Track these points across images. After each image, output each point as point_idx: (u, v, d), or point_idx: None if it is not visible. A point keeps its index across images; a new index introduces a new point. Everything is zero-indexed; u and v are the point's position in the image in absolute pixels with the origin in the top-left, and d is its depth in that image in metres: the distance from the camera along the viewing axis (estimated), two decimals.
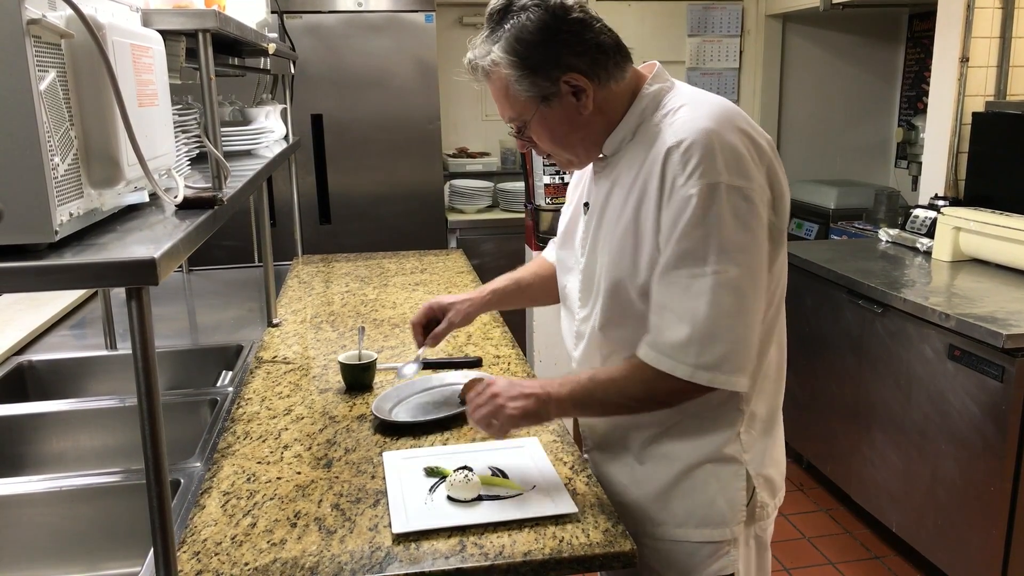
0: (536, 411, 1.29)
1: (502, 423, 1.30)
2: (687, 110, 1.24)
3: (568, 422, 1.63)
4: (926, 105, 4.11)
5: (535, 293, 1.71)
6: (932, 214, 3.21)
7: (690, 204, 1.16)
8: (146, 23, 1.22)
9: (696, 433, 1.33)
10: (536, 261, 1.75)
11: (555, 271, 1.57)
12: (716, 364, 1.18)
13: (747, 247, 1.18)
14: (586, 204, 1.40)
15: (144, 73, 1.12)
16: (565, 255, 1.49)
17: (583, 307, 1.41)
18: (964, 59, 3.25)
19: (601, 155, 1.35)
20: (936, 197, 3.34)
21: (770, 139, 1.26)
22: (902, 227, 3.40)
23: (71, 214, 0.93)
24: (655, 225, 1.22)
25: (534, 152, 1.65)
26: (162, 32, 1.24)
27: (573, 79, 1.23)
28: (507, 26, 1.23)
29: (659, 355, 1.20)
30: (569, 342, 1.49)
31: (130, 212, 1.16)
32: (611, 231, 1.30)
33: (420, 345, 1.65)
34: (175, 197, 1.16)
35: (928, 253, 3.13)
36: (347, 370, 1.81)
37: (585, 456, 1.52)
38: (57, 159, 0.89)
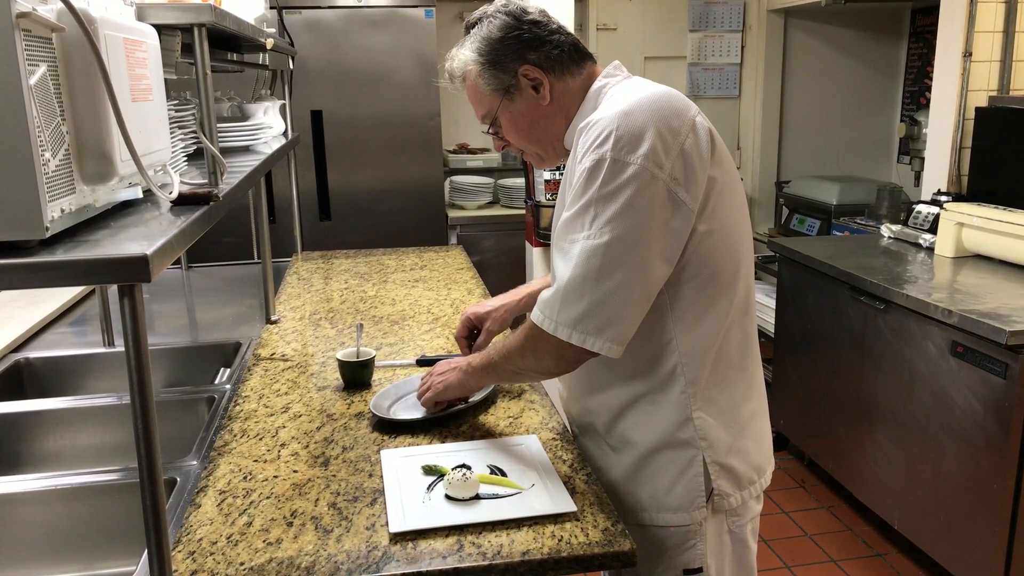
0: (458, 381, 1.52)
1: (432, 395, 1.55)
2: (616, 97, 1.32)
3: (561, 409, 1.63)
4: (928, 100, 4.09)
5: None
6: (935, 210, 3.19)
7: (580, 177, 1.25)
8: (140, 17, 1.21)
9: (650, 417, 1.37)
10: None
11: None
12: (577, 321, 1.24)
13: (623, 219, 1.21)
14: (554, 194, 1.51)
15: (138, 68, 1.11)
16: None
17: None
18: (967, 54, 3.23)
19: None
20: (939, 193, 3.32)
21: (702, 124, 1.27)
22: (904, 223, 3.38)
23: (63, 210, 0.92)
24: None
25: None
26: (157, 26, 1.23)
27: (530, 71, 1.36)
28: (475, 31, 1.40)
29: (536, 310, 1.30)
30: None
31: (125, 208, 1.15)
32: (557, 220, 1.39)
33: (467, 355, 1.67)
34: (170, 193, 1.14)
35: (931, 249, 3.11)
36: (345, 367, 1.80)
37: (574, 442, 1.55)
38: (48, 154, 0.88)
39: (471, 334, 1.76)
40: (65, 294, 2.61)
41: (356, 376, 1.80)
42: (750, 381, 1.41)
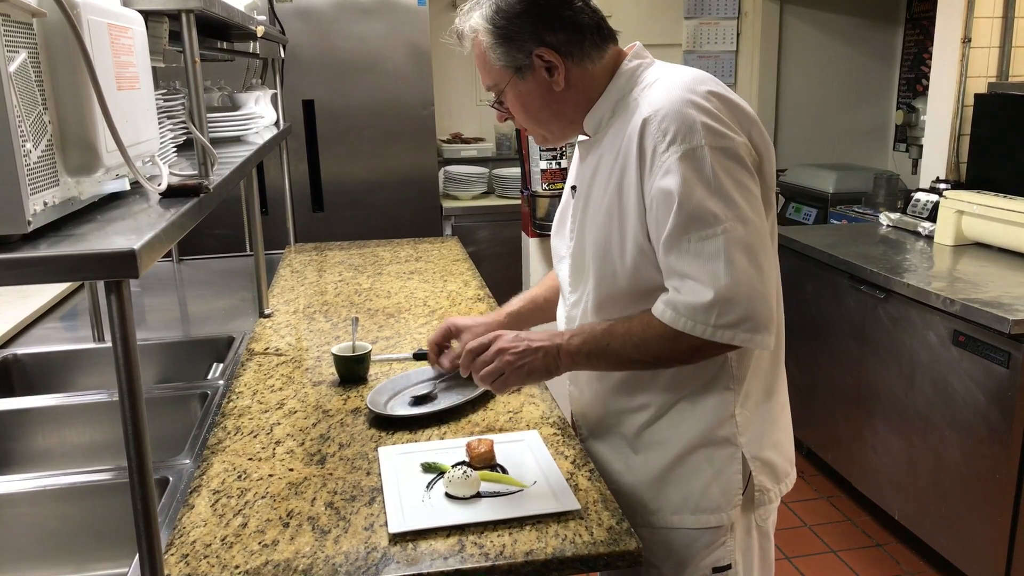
0: (544, 366, 1.28)
1: (507, 378, 1.28)
2: (662, 82, 1.25)
3: (565, 406, 1.59)
4: (925, 87, 4.06)
5: (551, 307, 1.63)
6: (934, 198, 3.17)
7: (679, 171, 1.16)
8: (126, 3, 1.16)
9: (690, 416, 1.32)
10: (550, 275, 1.69)
11: None
12: (737, 323, 1.16)
13: (747, 203, 1.18)
14: (573, 187, 1.40)
15: (123, 55, 1.06)
16: (558, 243, 1.49)
17: (573, 292, 1.41)
18: (966, 40, 3.19)
19: (586, 136, 1.35)
20: (937, 180, 3.30)
21: (750, 108, 1.27)
22: (903, 211, 3.36)
23: (46, 203, 0.88)
24: (638, 196, 1.22)
25: (531, 137, 1.62)
26: (143, 12, 1.19)
27: (545, 54, 1.25)
28: None
29: (676, 315, 1.18)
30: (562, 327, 1.47)
31: (113, 201, 1.11)
32: (596, 213, 1.30)
33: (434, 363, 1.58)
34: (158, 185, 1.11)
35: (930, 237, 3.09)
36: (341, 362, 1.76)
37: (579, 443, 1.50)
38: (29, 145, 0.84)
39: (442, 344, 1.61)
40: (54, 288, 2.57)
41: (352, 371, 1.77)
42: (780, 371, 1.39)
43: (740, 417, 1.31)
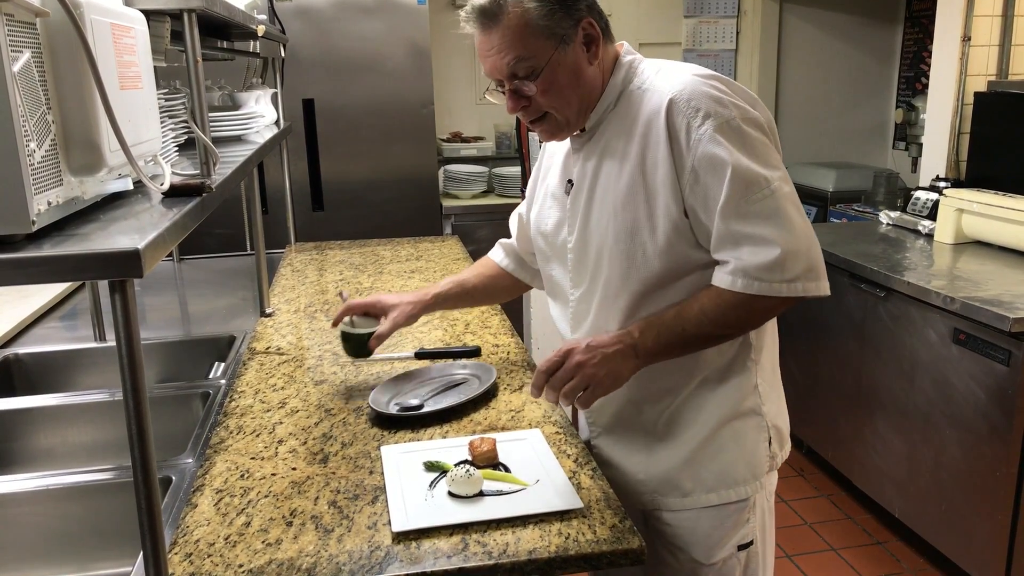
0: (625, 367, 1.26)
1: (594, 390, 1.25)
2: (665, 72, 1.31)
3: (567, 410, 1.59)
4: (925, 86, 4.06)
5: (479, 295, 1.74)
6: (934, 196, 3.17)
7: (722, 141, 1.20)
8: (128, 2, 1.16)
9: (717, 393, 1.36)
10: (481, 262, 1.77)
11: (500, 272, 1.70)
12: (804, 273, 1.21)
13: (779, 161, 1.26)
14: (569, 182, 1.41)
15: (126, 54, 1.06)
16: (544, 244, 1.50)
17: (576, 287, 1.42)
18: (966, 38, 3.19)
19: (580, 130, 1.37)
20: (937, 179, 3.30)
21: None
22: (903, 209, 3.36)
23: (49, 203, 0.88)
24: (669, 172, 1.24)
25: (530, 135, 1.63)
26: (145, 12, 1.18)
27: (590, 24, 1.27)
28: None
29: (749, 280, 1.21)
30: (565, 328, 1.48)
31: (115, 200, 1.11)
32: (610, 199, 1.32)
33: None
34: (161, 184, 1.11)
35: (930, 236, 3.09)
36: (355, 338, 1.66)
37: (588, 441, 1.51)
38: (33, 145, 0.84)
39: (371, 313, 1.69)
40: (54, 288, 2.57)
41: (361, 348, 1.67)
42: (776, 342, 1.44)
43: (762, 388, 1.37)
